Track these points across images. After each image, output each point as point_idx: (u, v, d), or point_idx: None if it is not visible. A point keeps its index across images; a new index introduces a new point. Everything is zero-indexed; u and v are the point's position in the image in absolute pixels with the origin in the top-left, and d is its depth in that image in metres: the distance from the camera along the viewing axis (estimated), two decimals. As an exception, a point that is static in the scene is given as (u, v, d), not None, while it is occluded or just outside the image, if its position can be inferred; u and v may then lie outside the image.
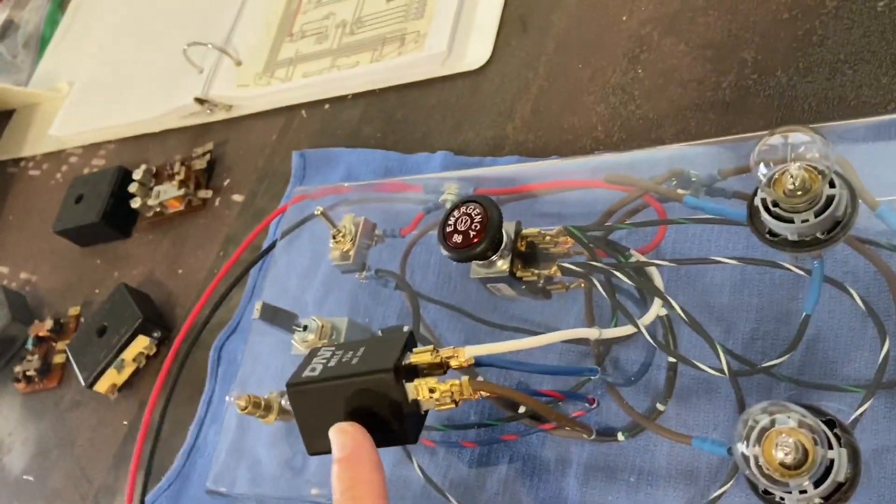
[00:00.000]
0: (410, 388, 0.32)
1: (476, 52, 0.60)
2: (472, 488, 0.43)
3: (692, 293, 0.41)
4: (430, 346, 0.33)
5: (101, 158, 0.82)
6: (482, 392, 0.32)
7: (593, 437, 0.36)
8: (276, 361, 0.49)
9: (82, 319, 0.71)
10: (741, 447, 0.29)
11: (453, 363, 0.33)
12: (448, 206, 0.48)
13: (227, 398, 0.43)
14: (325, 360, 0.34)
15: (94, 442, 0.63)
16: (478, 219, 0.39)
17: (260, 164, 0.68)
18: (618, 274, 0.37)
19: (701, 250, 0.41)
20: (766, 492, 0.30)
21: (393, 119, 0.62)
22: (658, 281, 0.39)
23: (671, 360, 0.39)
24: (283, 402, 0.46)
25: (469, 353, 0.32)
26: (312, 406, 0.33)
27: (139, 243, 0.73)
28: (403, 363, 0.33)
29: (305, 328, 0.45)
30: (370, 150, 0.60)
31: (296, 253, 0.55)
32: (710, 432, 0.39)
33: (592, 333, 0.36)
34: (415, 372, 0.33)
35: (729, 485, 0.36)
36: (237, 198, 0.68)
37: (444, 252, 0.40)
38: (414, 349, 0.33)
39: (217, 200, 0.69)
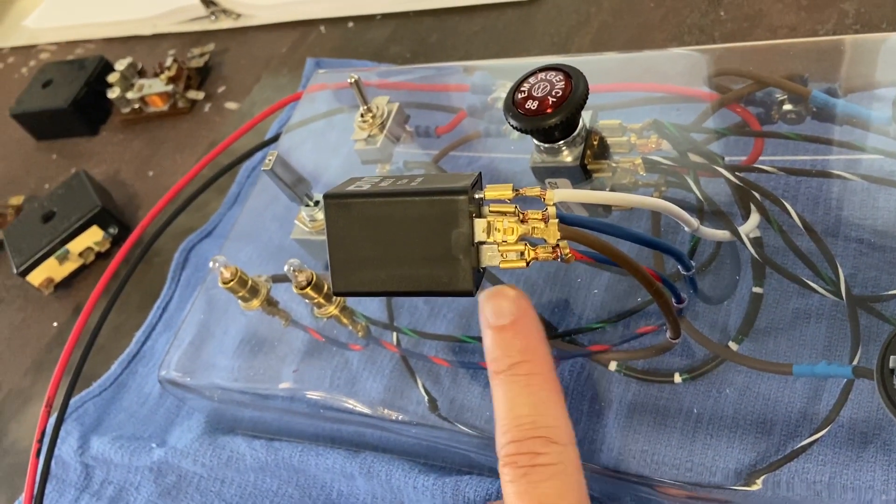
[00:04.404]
0: (479, 225, 0.26)
1: (532, -18, 0.55)
2: (482, 417, 0.36)
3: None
4: (510, 184, 0.26)
5: (77, 57, 0.74)
6: (569, 243, 0.25)
7: (678, 339, 0.29)
8: (270, 241, 0.41)
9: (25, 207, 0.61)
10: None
11: (531, 215, 0.26)
12: (499, 105, 0.42)
13: (210, 264, 0.35)
14: (373, 182, 0.27)
15: (11, 342, 0.54)
16: (559, 86, 0.33)
17: (264, 75, 0.61)
18: (724, 173, 0.32)
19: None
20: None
21: (426, 42, 0.56)
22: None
23: (756, 290, 0.33)
24: (270, 289, 0.39)
25: (559, 195, 0.26)
26: (353, 228, 0.26)
27: (106, 142, 0.64)
28: (476, 195, 0.26)
29: (318, 203, 0.38)
30: (399, 67, 0.54)
31: (304, 152, 0.48)
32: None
33: (692, 222, 0.29)
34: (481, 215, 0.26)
35: (822, 433, 0.30)
36: (231, 105, 0.61)
37: (510, 120, 0.33)
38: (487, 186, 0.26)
39: (207, 106, 0.62)
